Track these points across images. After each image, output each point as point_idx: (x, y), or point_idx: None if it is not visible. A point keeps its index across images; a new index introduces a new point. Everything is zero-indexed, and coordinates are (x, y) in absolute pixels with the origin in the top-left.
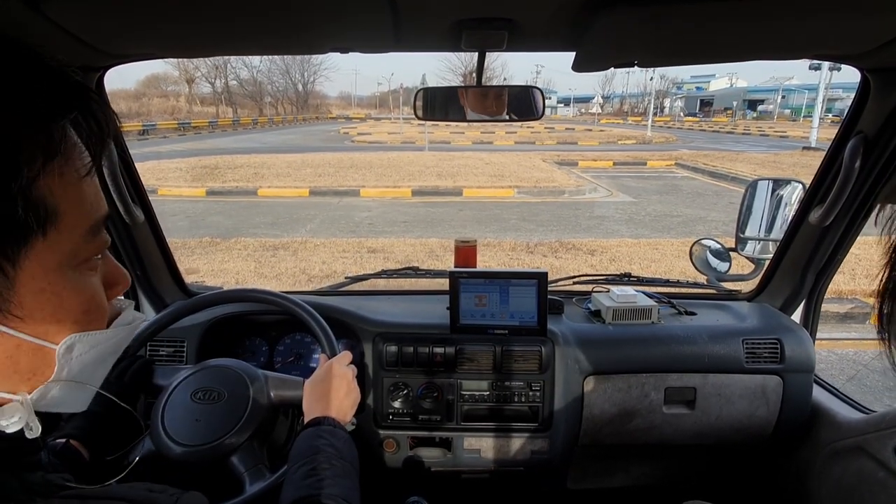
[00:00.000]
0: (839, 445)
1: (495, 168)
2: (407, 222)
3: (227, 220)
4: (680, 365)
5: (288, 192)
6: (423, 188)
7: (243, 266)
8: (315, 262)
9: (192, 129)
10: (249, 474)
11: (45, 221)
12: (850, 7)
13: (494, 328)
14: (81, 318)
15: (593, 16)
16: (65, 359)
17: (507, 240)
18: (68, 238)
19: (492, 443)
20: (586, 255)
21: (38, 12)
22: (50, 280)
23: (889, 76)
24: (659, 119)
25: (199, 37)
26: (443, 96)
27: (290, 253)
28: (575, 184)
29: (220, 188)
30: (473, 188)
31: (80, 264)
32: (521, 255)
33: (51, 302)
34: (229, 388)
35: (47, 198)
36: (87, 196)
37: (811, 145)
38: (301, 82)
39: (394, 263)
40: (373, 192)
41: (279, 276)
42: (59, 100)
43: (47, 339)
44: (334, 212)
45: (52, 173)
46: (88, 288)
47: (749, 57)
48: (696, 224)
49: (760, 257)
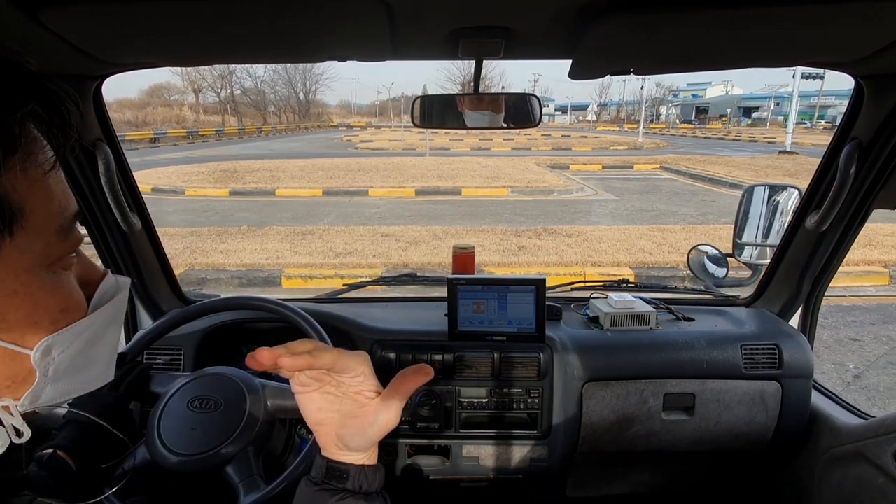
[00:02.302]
0: (839, 451)
1: (491, 171)
2: (412, 216)
3: (252, 216)
4: (678, 371)
5: (303, 192)
6: (426, 188)
7: (280, 246)
8: (338, 242)
9: (200, 137)
10: (244, 485)
11: (10, 221)
12: (843, 16)
13: (493, 335)
14: (59, 318)
15: (589, 24)
16: (44, 362)
17: (499, 227)
18: (38, 237)
19: (491, 450)
20: (565, 237)
21: (36, 21)
22: (22, 282)
23: (882, 83)
24: (654, 126)
25: (196, 45)
26: (440, 104)
27: (317, 237)
28: (564, 184)
29: (241, 189)
30: (471, 188)
31: (53, 263)
32: (510, 238)
33: (25, 304)
34: (226, 397)
35: (10, 195)
36: (54, 193)
37: (786, 149)
38: (303, 91)
39: (404, 244)
40: (380, 192)
41: (311, 253)
42: (15, 92)
43: (24, 343)
44: (347, 208)
45: (14, 169)
46: (64, 286)
47: (743, 64)
48: (667, 217)
49: (758, 263)
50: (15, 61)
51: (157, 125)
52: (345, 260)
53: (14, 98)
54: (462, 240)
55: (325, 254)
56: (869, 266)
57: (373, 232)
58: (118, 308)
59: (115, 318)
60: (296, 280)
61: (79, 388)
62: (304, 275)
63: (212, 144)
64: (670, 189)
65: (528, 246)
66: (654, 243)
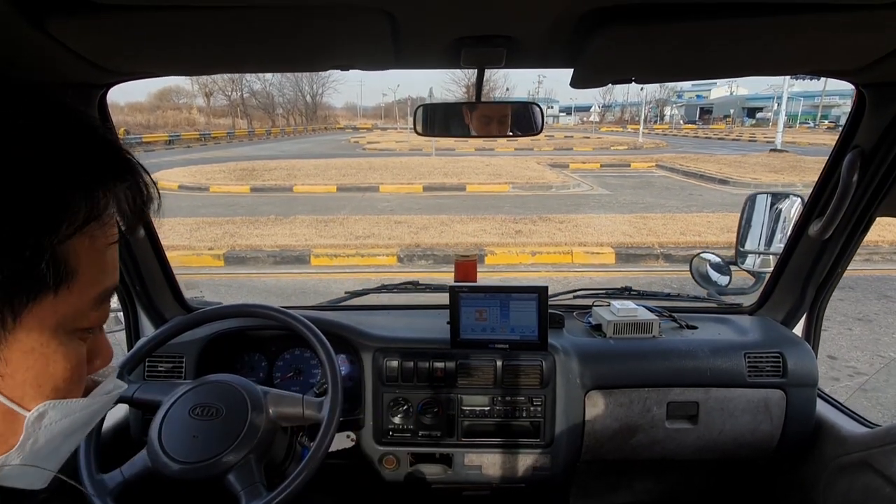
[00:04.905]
0: (844, 460)
1: (494, 169)
2: (420, 209)
3: (274, 209)
4: (682, 379)
5: (319, 188)
6: (432, 185)
7: (307, 231)
8: (357, 228)
9: (212, 139)
10: (246, 493)
11: (60, 281)
12: (843, 25)
13: (495, 342)
14: (62, 386)
15: (590, 34)
16: (33, 427)
17: (498, 216)
18: (76, 300)
19: (493, 459)
20: (557, 224)
21: (42, 31)
22: (42, 341)
23: (884, 91)
24: (658, 126)
25: (201, 56)
26: (442, 112)
27: (338, 224)
28: (562, 181)
29: (261, 185)
30: (475, 185)
31: (75, 331)
32: (508, 224)
33: (37, 364)
34: (228, 405)
35: (70, 258)
36: (107, 263)
37: (777, 147)
38: (310, 94)
39: (415, 229)
40: (390, 188)
41: (334, 237)
42: (111, 168)
43: (22, 403)
44: (360, 202)
45: (86, 235)
46: (76, 356)
47: (745, 73)
48: (655, 209)
49: (761, 271)
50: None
51: (167, 128)
52: (364, 241)
53: (109, 173)
54: (466, 226)
55: (346, 237)
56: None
57: (387, 220)
58: (106, 406)
59: (94, 418)
60: (322, 258)
61: (25, 480)
62: (330, 253)
63: (224, 146)
64: (662, 185)
65: (524, 230)
66: (636, 228)
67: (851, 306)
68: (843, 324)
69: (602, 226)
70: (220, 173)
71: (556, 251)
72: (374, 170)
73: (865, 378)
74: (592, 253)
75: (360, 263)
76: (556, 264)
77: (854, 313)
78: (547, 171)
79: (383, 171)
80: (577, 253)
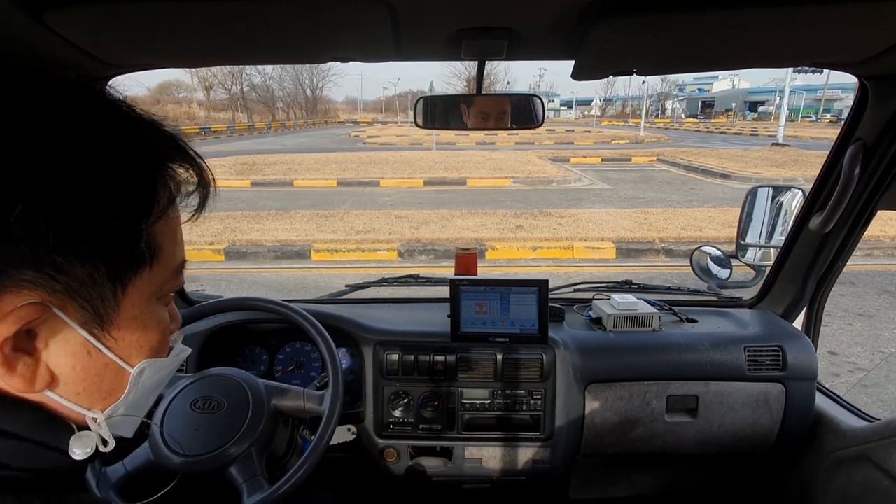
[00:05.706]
0: (843, 454)
1: (495, 163)
2: (421, 203)
3: (275, 203)
4: (682, 373)
5: (319, 182)
6: (433, 179)
7: (307, 226)
8: (358, 223)
9: (213, 133)
10: (247, 486)
11: (153, 256)
12: (846, 16)
13: (495, 336)
14: (157, 347)
15: (591, 25)
16: (135, 382)
17: (499, 211)
18: (163, 272)
19: (493, 452)
20: (558, 218)
21: (42, 23)
22: (142, 308)
23: (887, 84)
24: (659, 120)
25: (201, 47)
26: (443, 105)
27: (338, 219)
28: (563, 175)
29: (261, 180)
30: (475, 179)
31: (162, 297)
32: (509, 219)
33: (139, 329)
34: (229, 398)
35: (158, 237)
36: (179, 240)
37: (778, 141)
38: (310, 88)
39: (416, 224)
40: (391, 183)
41: (335, 231)
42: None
43: (129, 362)
44: (361, 197)
45: (167, 216)
46: (164, 320)
47: (747, 65)
48: (656, 203)
49: (761, 264)
50: (156, 122)
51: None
52: (364, 236)
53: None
54: (467, 221)
55: (346, 232)
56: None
57: (387, 215)
58: (178, 365)
59: (172, 374)
60: (323, 253)
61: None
62: (331, 248)
63: (224, 140)
64: (663, 179)
65: (525, 225)
66: (636, 222)
67: (852, 301)
68: (844, 319)
69: (603, 220)
70: (219, 168)
71: (556, 246)
72: (374, 164)
73: (865, 373)
74: (593, 248)
75: (360, 258)
76: (556, 259)
77: (855, 309)
78: (548, 165)
79: (384, 165)
80: (577, 248)
